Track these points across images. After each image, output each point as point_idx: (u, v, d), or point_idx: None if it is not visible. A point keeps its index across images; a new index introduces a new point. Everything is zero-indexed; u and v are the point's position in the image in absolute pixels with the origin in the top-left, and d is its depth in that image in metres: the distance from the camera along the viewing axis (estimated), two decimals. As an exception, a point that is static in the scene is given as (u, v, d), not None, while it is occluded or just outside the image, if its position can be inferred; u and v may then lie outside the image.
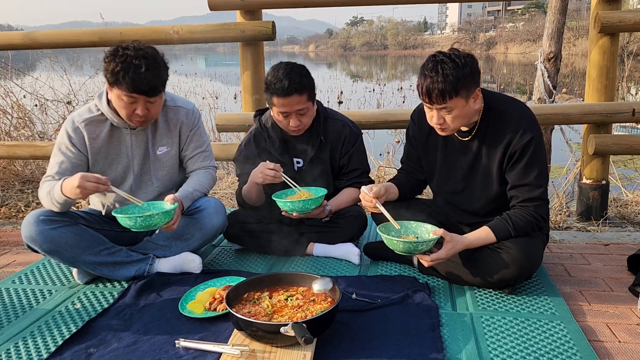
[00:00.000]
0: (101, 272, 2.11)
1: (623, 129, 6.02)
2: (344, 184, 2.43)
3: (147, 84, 1.96)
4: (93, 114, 2.14)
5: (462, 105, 1.81)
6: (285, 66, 2.22)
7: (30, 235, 1.99)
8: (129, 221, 1.91)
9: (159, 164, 2.25)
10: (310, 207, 2.18)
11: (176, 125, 2.25)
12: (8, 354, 1.63)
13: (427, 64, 1.80)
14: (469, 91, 1.80)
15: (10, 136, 4.52)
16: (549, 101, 4.14)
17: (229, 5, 3.03)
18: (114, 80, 1.95)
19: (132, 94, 1.97)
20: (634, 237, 2.69)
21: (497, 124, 1.91)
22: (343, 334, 1.67)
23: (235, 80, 10.84)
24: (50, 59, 5.77)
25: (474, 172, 2.02)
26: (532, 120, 1.90)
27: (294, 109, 2.20)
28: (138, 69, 1.93)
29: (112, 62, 1.95)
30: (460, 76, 1.75)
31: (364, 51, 73.25)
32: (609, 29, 2.82)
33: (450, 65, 1.75)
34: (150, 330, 1.74)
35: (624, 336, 1.69)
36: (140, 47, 1.99)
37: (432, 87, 1.76)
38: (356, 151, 2.42)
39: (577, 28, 27.49)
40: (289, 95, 2.16)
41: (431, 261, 1.85)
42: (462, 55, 1.79)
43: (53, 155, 2.14)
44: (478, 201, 2.04)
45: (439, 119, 1.85)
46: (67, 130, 2.12)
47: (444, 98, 1.77)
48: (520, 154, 1.86)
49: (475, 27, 61.59)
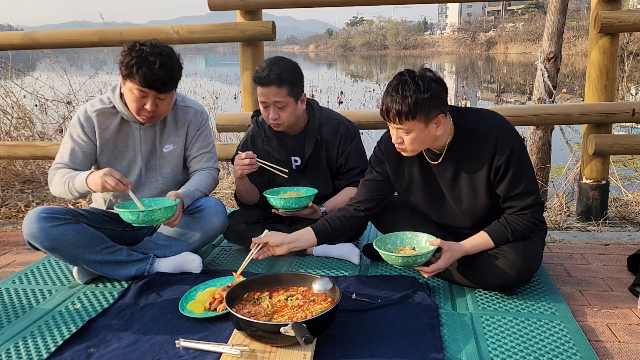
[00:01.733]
0: (101, 270, 2.11)
1: (623, 129, 6.03)
2: (343, 183, 2.43)
3: (159, 80, 2.00)
4: (105, 105, 2.18)
5: (420, 129, 1.77)
6: (273, 59, 2.26)
7: (31, 233, 1.99)
8: (132, 216, 1.93)
9: (165, 161, 2.28)
10: (296, 205, 2.20)
11: (184, 124, 2.29)
12: (8, 354, 1.63)
13: (392, 81, 1.79)
14: (428, 116, 1.75)
15: (10, 136, 4.52)
16: (549, 101, 4.14)
17: (229, 5, 3.03)
18: (128, 73, 2.00)
19: (143, 88, 2.00)
20: (634, 237, 2.69)
21: (472, 142, 1.87)
22: (343, 334, 1.67)
23: (235, 80, 10.84)
24: (50, 59, 5.78)
25: (457, 191, 1.95)
26: (507, 129, 1.87)
27: (271, 99, 2.21)
28: (152, 64, 1.97)
29: (128, 55, 2.00)
30: (419, 100, 1.72)
31: (364, 51, 73.28)
32: (609, 29, 2.82)
33: (412, 88, 1.72)
34: (150, 330, 1.74)
35: (624, 336, 1.69)
36: (158, 44, 2.04)
37: (390, 107, 1.75)
38: (353, 150, 2.41)
39: (577, 28, 27.51)
40: (266, 85, 2.19)
41: (431, 272, 1.84)
42: (428, 79, 1.75)
43: (64, 143, 2.19)
44: (465, 217, 2.00)
45: (397, 138, 1.83)
46: (80, 119, 2.17)
47: (400, 119, 1.75)
48: (506, 167, 1.83)
49: (475, 27, 61.62)
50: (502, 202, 1.91)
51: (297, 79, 2.26)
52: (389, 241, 1.94)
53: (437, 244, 1.82)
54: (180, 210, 2.08)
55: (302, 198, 2.20)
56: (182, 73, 2.12)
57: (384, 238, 1.95)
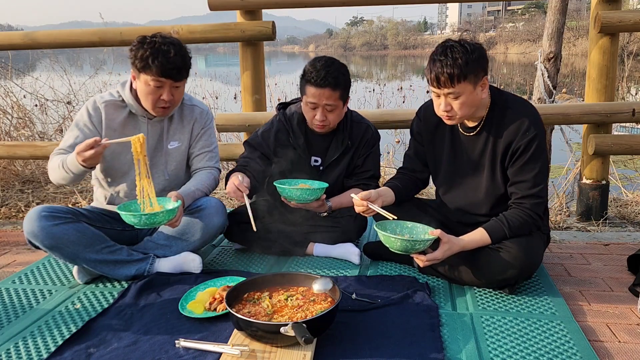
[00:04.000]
0: (101, 270, 2.11)
1: (623, 129, 6.02)
2: (352, 182, 2.43)
3: (175, 68, 2.04)
4: (114, 98, 2.21)
5: (469, 91, 1.82)
6: (327, 59, 2.23)
7: (32, 231, 1.99)
8: (134, 219, 1.92)
9: (169, 158, 2.29)
10: (308, 197, 2.18)
11: (190, 121, 2.32)
12: (8, 354, 1.63)
13: (437, 50, 1.84)
14: (476, 77, 1.81)
15: (10, 136, 4.52)
16: (549, 101, 4.13)
17: (229, 5, 3.03)
18: (143, 65, 2.03)
19: (160, 78, 2.04)
20: (634, 237, 2.69)
21: (502, 120, 1.92)
22: (343, 334, 1.67)
23: (235, 80, 10.83)
24: (50, 59, 5.77)
25: (479, 170, 2.01)
26: (536, 118, 1.91)
27: (322, 102, 2.19)
28: (167, 53, 2.02)
29: (140, 49, 2.03)
30: (468, 61, 1.77)
31: (364, 51, 73.23)
32: (609, 29, 2.82)
33: (460, 50, 1.78)
34: (150, 330, 1.74)
35: (624, 336, 1.69)
36: (166, 35, 2.10)
37: (441, 71, 1.78)
38: (372, 154, 2.42)
39: (577, 28, 27.49)
40: (322, 86, 2.17)
41: (427, 261, 1.85)
42: (472, 43, 1.83)
43: (69, 130, 2.21)
44: (483, 201, 2.03)
45: (446, 106, 1.85)
46: (88, 108, 2.19)
47: (452, 82, 1.78)
48: (523, 150, 1.87)
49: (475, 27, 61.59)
50: (509, 185, 1.94)
51: (348, 82, 2.26)
52: (389, 227, 1.94)
53: (437, 234, 1.84)
54: (182, 212, 2.08)
55: (316, 190, 2.18)
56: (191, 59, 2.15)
57: (384, 223, 1.95)
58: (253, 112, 3.15)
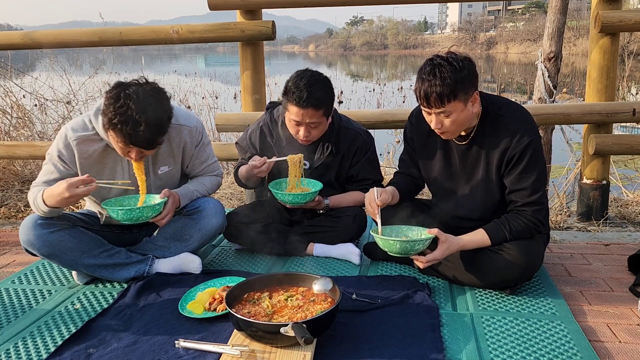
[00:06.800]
0: (101, 274, 2.11)
1: (623, 129, 6.02)
2: (353, 188, 2.44)
3: (144, 141, 1.86)
4: (87, 132, 2.02)
5: (460, 109, 1.79)
6: (310, 76, 2.18)
7: (28, 240, 1.98)
8: (112, 213, 1.95)
9: (160, 182, 2.19)
10: (301, 201, 2.23)
11: (179, 145, 2.16)
12: (8, 354, 1.63)
13: (424, 67, 1.79)
14: (467, 94, 1.78)
15: (10, 136, 4.52)
16: (549, 101, 4.13)
17: (229, 5, 3.03)
18: (111, 126, 1.84)
19: (127, 146, 1.88)
20: (635, 237, 2.69)
21: (494, 128, 1.90)
22: (343, 334, 1.67)
23: (235, 80, 10.82)
24: (50, 58, 5.78)
25: (474, 178, 2.00)
26: (530, 123, 1.89)
27: (306, 120, 2.19)
28: (137, 125, 1.80)
29: (111, 106, 1.81)
30: (458, 79, 1.73)
31: (364, 51, 73.20)
32: (610, 28, 2.82)
33: (448, 68, 1.73)
34: (150, 330, 1.74)
35: (624, 336, 1.69)
36: (146, 95, 1.84)
37: (430, 91, 1.75)
38: (367, 161, 2.41)
39: (577, 28, 27.48)
40: (304, 107, 2.14)
41: (427, 262, 1.84)
42: (460, 59, 1.78)
43: (45, 162, 2.08)
44: (479, 208, 2.02)
45: (438, 124, 1.83)
46: (58, 146, 2.03)
47: (442, 102, 1.75)
48: (519, 158, 1.85)
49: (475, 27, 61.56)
50: (508, 193, 1.93)
51: (332, 97, 2.24)
52: (384, 232, 1.94)
53: (434, 233, 1.83)
54: (170, 209, 2.06)
55: (308, 194, 2.22)
56: (171, 122, 1.97)
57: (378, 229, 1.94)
58: (253, 112, 3.14)
